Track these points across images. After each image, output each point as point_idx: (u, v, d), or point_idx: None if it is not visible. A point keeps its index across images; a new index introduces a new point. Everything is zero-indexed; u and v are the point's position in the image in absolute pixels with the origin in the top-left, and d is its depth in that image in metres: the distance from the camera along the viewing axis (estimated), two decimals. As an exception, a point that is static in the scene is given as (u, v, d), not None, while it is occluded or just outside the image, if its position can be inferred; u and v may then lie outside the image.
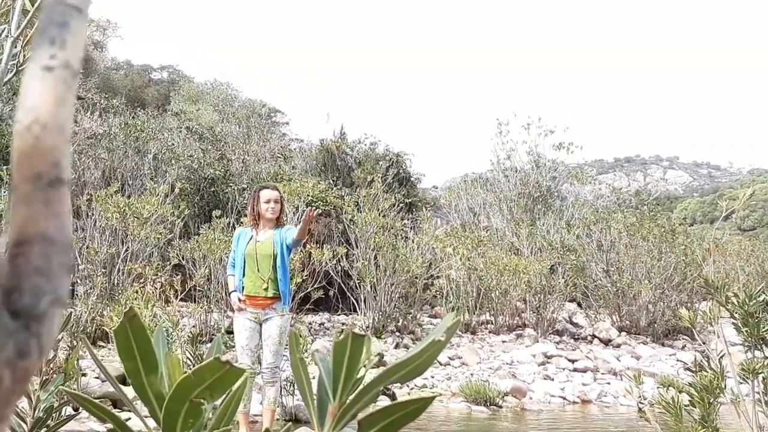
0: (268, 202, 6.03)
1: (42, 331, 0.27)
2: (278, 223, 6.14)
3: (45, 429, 1.83)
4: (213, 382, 0.48)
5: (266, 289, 5.94)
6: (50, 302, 0.28)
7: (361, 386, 0.50)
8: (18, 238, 0.28)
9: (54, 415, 1.89)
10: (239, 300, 5.95)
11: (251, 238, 6.04)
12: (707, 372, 2.86)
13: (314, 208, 5.71)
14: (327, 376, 0.51)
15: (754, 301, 2.81)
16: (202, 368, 0.48)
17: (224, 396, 0.62)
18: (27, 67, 0.30)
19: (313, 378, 0.56)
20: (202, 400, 0.49)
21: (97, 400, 0.62)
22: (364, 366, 0.50)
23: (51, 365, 1.96)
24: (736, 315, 2.88)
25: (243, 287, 6.00)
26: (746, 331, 2.85)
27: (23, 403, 2.01)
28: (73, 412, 2.12)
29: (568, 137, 23.73)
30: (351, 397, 0.50)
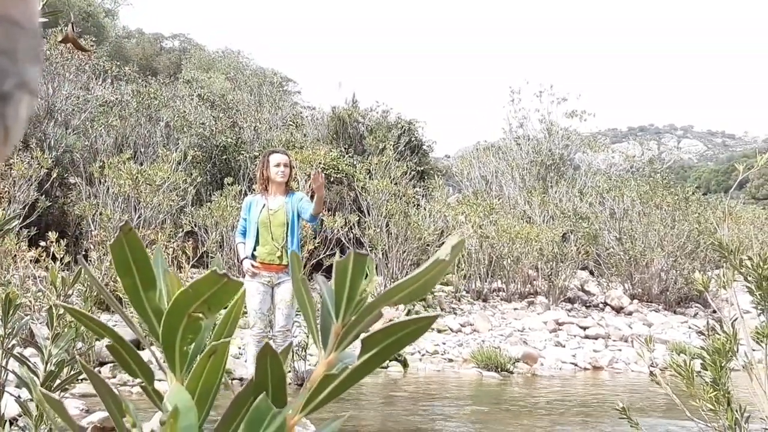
0: (278, 165, 6.03)
1: (6, 113, 0.26)
2: (288, 188, 6.15)
3: (58, 381, 1.85)
4: (211, 295, 0.47)
5: (280, 257, 5.99)
6: (15, 85, 0.26)
7: (363, 306, 0.49)
8: (-21, 19, 0.26)
9: (66, 369, 1.91)
10: (252, 266, 5.99)
11: (263, 206, 6.05)
12: (719, 335, 2.84)
13: (318, 171, 5.69)
14: (330, 297, 0.50)
15: (768, 264, 2.79)
16: (199, 281, 0.47)
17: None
18: None
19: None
20: (200, 315, 0.48)
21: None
22: (366, 288, 0.49)
23: (61, 321, 1.97)
24: (750, 278, 2.85)
25: (254, 253, 6.03)
26: (759, 294, 2.83)
27: (36, 358, 2.03)
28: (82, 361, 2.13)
29: (581, 105, 23.51)
30: (353, 317, 0.49)
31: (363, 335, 0.48)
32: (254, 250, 6.03)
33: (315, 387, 0.48)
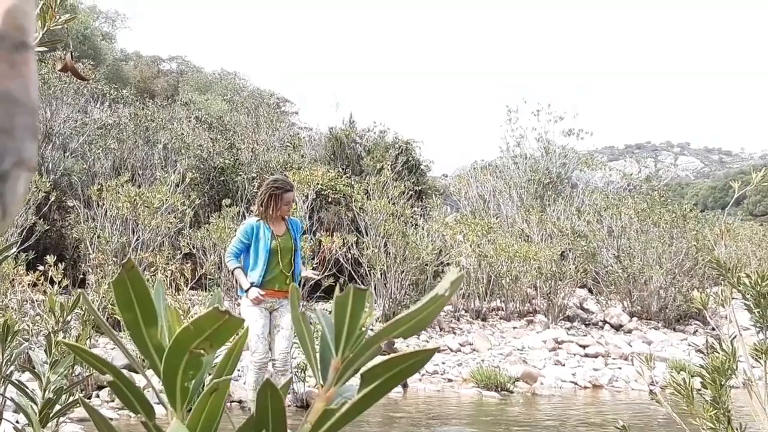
0: (288, 204, 6.10)
1: (5, 191, 0.26)
2: (284, 212, 6.25)
3: (56, 409, 1.84)
4: (212, 332, 0.48)
5: (288, 283, 5.98)
6: (14, 163, 0.27)
7: (363, 341, 0.49)
8: (-20, 98, 0.27)
9: (63, 397, 1.90)
10: (260, 294, 5.96)
11: (271, 234, 6.03)
12: (718, 353, 2.83)
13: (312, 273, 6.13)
14: (329, 331, 0.51)
15: (767, 282, 2.79)
16: (201, 319, 0.47)
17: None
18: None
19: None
20: (201, 351, 0.49)
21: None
22: (365, 322, 0.50)
23: (59, 347, 1.97)
24: (748, 296, 2.85)
25: (262, 281, 5.98)
26: (758, 312, 2.83)
27: (33, 384, 2.02)
28: (82, 397, 2.12)
29: (578, 124, 23.53)
30: (353, 352, 0.50)
31: (362, 369, 0.48)
32: (262, 278, 5.99)
33: (315, 422, 0.49)
